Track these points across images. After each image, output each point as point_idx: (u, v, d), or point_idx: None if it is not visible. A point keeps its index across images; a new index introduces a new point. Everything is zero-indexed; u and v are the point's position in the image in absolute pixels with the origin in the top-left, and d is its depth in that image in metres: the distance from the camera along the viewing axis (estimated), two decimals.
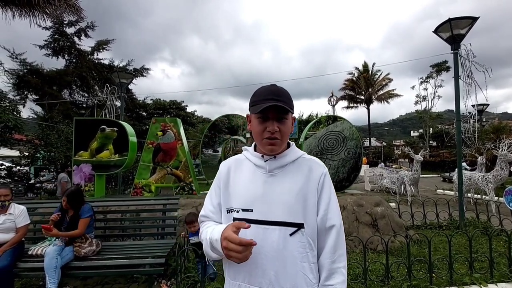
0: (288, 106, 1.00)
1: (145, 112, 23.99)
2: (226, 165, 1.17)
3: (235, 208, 1.05)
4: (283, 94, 1.02)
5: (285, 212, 1.00)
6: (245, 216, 1.02)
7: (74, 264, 2.94)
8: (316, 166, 1.09)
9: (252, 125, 1.07)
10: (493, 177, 7.21)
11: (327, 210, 1.05)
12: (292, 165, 1.08)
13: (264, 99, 1.00)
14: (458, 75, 5.49)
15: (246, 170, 1.11)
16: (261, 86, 1.07)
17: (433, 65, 26.63)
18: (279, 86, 1.06)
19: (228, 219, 1.07)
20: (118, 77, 8.17)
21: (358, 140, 5.49)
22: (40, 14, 9.35)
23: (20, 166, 9.84)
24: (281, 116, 1.01)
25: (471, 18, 5.23)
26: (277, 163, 1.06)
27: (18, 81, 15.59)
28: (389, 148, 40.82)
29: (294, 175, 1.06)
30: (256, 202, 1.02)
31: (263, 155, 1.08)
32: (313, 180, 1.06)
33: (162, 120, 5.36)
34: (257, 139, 1.07)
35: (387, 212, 4.65)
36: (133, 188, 5.20)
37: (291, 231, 0.99)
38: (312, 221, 1.03)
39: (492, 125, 17.84)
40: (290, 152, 1.10)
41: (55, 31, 16.60)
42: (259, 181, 1.05)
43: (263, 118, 1.01)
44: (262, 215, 1.00)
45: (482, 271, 3.20)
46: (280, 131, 1.01)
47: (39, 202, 4.25)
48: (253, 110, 1.02)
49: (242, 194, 1.06)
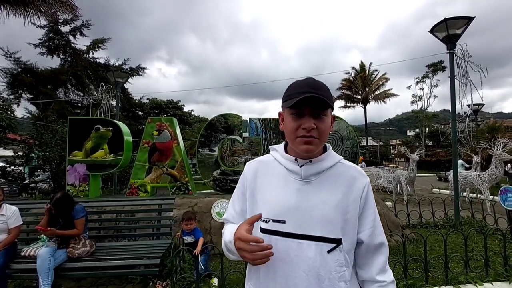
0: (327, 99, 0.87)
1: (142, 111, 23.84)
2: (252, 168, 1.03)
3: (263, 218, 0.92)
4: (321, 87, 0.90)
5: (323, 226, 0.89)
6: (276, 228, 0.91)
7: (67, 265, 2.91)
8: (358, 175, 0.97)
9: (285, 122, 0.95)
10: (488, 176, 7.27)
11: (374, 226, 0.96)
12: (329, 172, 0.95)
13: (299, 92, 0.88)
14: (454, 75, 5.52)
15: (276, 174, 0.98)
16: (296, 80, 0.95)
17: (429, 65, 26.86)
18: (317, 80, 0.93)
19: (255, 228, 0.95)
20: (113, 76, 8.10)
21: (354, 139, 5.49)
22: (34, 13, 9.26)
23: (14, 166, 9.73)
24: (318, 112, 0.88)
25: (467, 18, 5.25)
26: (313, 169, 0.94)
27: (12, 80, 15.42)
28: (385, 147, 41.07)
29: (333, 184, 0.94)
30: (289, 212, 0.91)
31: (297, 159, 0.95)
32: (355, 192, 0.94)
33: (157, 120, 5.32)
34: (290, 138, 0.93)
35: (383, 211, 4.66)
36: (129, 188, 5.16)
37: (329, 247, 0.88)
38: (351, 237, 0.93)
39: (487, 124, 18.01)
40: (327, 156, 0.97)
41: (49, 30, 16.43)
42: (292, 189, 0.93)
43: (297, 114, 0.89)
44: (297, 228, 0.89)
45: (477, 270, 3.21)
46: (318, 128, 0.88)
47: (33, 203, 4.20)
48: (286, 104, 0.90)
49: (272, 202, 0.93)
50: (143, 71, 20.28)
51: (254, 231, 0.93)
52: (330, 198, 0.91)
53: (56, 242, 2.95)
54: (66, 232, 2.96)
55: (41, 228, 2.83)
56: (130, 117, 21.54)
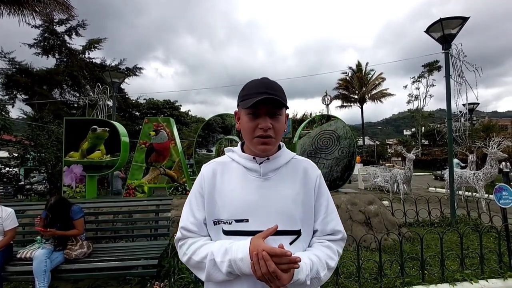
0: (282, 100, 0.90)
1: (138, 112, 23.73)
2: (210, 169, 1.01)
3: (224, 220, 0.92)
4: (277, 88, 0.93)
5: (284, 219, 0.91)
6: (239, 228, 0.91)
7: (64, 267, 2.89)
8: (311, 168, 1.03)
9: (241, 122, 0.97)
10: (484, 175, 7.35)
11: (327, 213, 1.01)
12: (285, 167, 1.00)
13: (255, 92, 0.90)
14: (449, 75, 5.57)
15: (235, 174, 0.98)
16: (252, 80, 0.98)
17: (424, 64, 27.03)
18: (272, 80, 0.96)
19: (215, 232, 0.95)
20: (110, 77, 8.06)
21: (351, 139, 5.52)
22: (29, 12, 9.16)
23: (9, 168, 9.64)
24: (274, 112, 0.91)
25: (462, 18, 5.31)
26: (271, 165, 0.97)
27: (6, 80, 15.27)
28: (382, 147, 41.30)
29: (289, 179, 0.98)
30: (252, 210, 0.91)
31: (255, 157, 0.98)
32: (309, 183, 0.99)
33: (155, 120, 5.30)
34: (247, 138, 0.96)
35: (380, 210, 4.69)
36: (126, 188, 5.14)
37: (291, 239, 0.92)
38: (310, 226, 0.98)
39: (483, 123, 18.20)
40: (283, 153, 1.01)
41: (45, 30, 16.28)
42: (253, 187, 0.94)
43: (254, 114, 0.91)
44: (260, 225, 0.89)
45: (473, 267, 3.25)
46: (274, 128, 0.91)
47: (28, 204, 4.16)
48: (243, 105, 0.91)
49: (233, 202, 0.93)
50: (139, 71, 20.21)
51: (216, 234, 0.94)
52: (289, 192, 0.95)
53: (52, 244, 2.93)
54: (67, 232, 2.94)
55: (41, 229, 2.80)
56: (126, 117, 21.43)
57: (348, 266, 3.42)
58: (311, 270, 0.87)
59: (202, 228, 0.97)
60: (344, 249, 4.09)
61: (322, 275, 0.90)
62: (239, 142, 1.09)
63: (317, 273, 0.88)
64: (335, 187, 5.39)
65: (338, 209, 4.63)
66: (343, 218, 4.48)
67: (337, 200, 4.69)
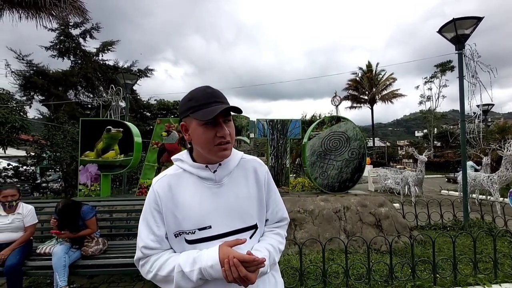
0: (237, 108, 0.96)
1: (149, 112, 24.12)
2: (164, 184, 0.99)
3: (187, 230, 0.95)
4: (223, 96, 0.98)
5: (242, 217, 1.00)
6: (203, 235, 0.95)
7: (80, 263, 2.99)
8: (259, 166, 1.10)
9: (195, 133, 0.95)
10: (498, 178, 7.16)
11: (275, 204, 1.13)
12: (237, 169, 1.04)
13: (208, 103, 0.93)
14: (463, 75, 5.47)
15: (190, 185, 0.99)
16: (194, 89, 0.98)
17: (437, 64, 26.44)
18: (214, 88, 0.98)
19: (178, 243, 0.97)
20: (123, 78, 8.25)
21: (362, 140, 5.48)
22: (46, 16, 9.47)
23: (26, 166, 9.97)
24: (227, 119, 0.96)
25: (476, 18, 5.20)
26: (225, 171, 1.01)
27: (24, 82, 15.77)
28: (393, 148, 40.61)
29: (242, 180, 1.04)
30: (212, 217, 0.96)
31: (207, 165, 0.99)
32: (260, 180, 1.07)
33: (166, 121, 5.41)
34: (205, 148, 0.95)
35: (391, 213, 4.65)
36: (139, 188, 5.26)
37: (250, 234, 1.02)
38: (263, 218, 1.09)
39: (497, 125, 17.68)
40: (233, 156, 1.04)
41: (60, 33, 16.76)
42: (210, 194, 0.98)
43: (211, 123, 0.92)
44: (221, 228, 0.96)
45: (486, 271, 3.19)
46: (230, 134, 0.96)
47: (46, 202, 4.32)
48: (200, 116, 0.91)
49: (195, 213, 0.95)
50: (151, 72, 20.54)
51: (178, 245, 0.98)
52: (243, 191, 1.02)
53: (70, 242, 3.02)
54: (81, 233, 3.04)
55: (57, 232, 2.90)
56: (138, 118, 21.82)
57: (358, 268, 3.41)
58: (269, 258, 0.99)
59: (164, 243, 0.98)
60: (354, 251, 4.10)
61: (277, 259, 1.05)
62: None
63: (274, 260, 1.03)
64: (345, 188, 5.36)
65: (348, 211, 4.63)
66: (353, 220, 4.47)
67: (347, 201, 4.68)
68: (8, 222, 3.01)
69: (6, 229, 2.99)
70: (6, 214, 3.04)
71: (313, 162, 5.40)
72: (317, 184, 5.39)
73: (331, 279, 3.13)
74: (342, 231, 4.41)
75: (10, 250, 2.90)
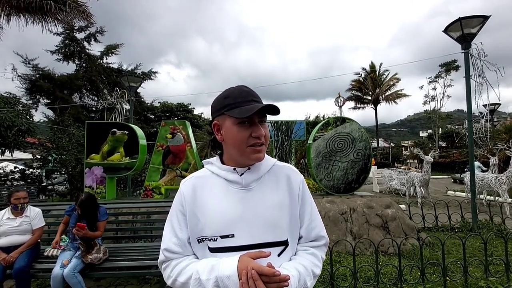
0: (277, 107, 0.88)
1: (153, 115, 24.28)
2: (189, 185, 0.96)
3: (209, 237, 0.88)
4: (258, 95, 0.93)
5: (271, 230, 0.89)
6: (226, 244, 0.87)
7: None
8: (293, 174, 1.00)
9: (228, 132, 0.90)
10: (507, 178, 7.06)
11: (311, 219, 0.99)
12: (267, 175, 0.96)
13: (245, 101, 0.88)
14: (469, 75, 5.41)
15: (216, 188, 0.93)
16: (230, 88, 0.94)
17: (442, 64, 26.23)
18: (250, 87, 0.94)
19: (201, 250, 0.91)
20: (127, 81, 8.31)
21: (367, 141, 5.44)
22: (52, 20, 9.59)
23: (32, 169, 10.07)
24: (263, 120, 0.90)
25: (482, 17, 5.15)
26: (253, 175, 0.93)
27: (30, 85, 15.97)
28: (397, 149, 40.32)
29: (273, 187, 0.95)
30: (237, 224, 0.87)
31: (235, 168, 0.93)
32: (293, 189, 0.96)
33: (171, 123, 5.42)
34: (238, 148, 0.89)
35: (398, 214, 4.60)
36: (144, 190, 5.27)
37: (278, 251, 0.89)
38: (296, 234, 0.96)
39: (505, 125, 17.45)
40: (265, 161, 0.96)
41: (65, 37, 16.96)
42: (236, 199, 0.90)
43: (248, 123, 0.87)
44: (247, 239, 0.87)
45: (497, 274, 3.13)
46: (265, 136, 0.90)
47: (52, 204, 4.35)
48: (237, 113, 0.86)
49: (217, 218, 0.88)
50: (154, 75, 20.69)
51: (201, 252, 0.91)
52: (273, 200, 0.92)
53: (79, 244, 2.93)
54: (92, 234, 3.01)
55: (81, 225, 2.78)
56: (142, 120, 21.96)
57: (366, 270, 3.37)
58: (299, 281, 0.86)
59: (186, 248, 0.93)
60: (361, 254, 4.05)
61: (309, 284, 0.90)
62: (218, 153, 1.02)
63: (305, 283, 0.88)
64: (350, 190, 5.32)
65: (354, 213, 4.59)
66: (359, 222, 4.43)
67: (353, 203, 4.64)
68: (16, 225, 3.03)
69: (14, 232, 3.01)
70: (14, 217, 3.05)
71: (318, 164, 5.37)
72: (322, 186, 5.36)
73: (339, 282, 3.09)
74: (349, 233, 4.37)
75: (18, 252, 2.91)
